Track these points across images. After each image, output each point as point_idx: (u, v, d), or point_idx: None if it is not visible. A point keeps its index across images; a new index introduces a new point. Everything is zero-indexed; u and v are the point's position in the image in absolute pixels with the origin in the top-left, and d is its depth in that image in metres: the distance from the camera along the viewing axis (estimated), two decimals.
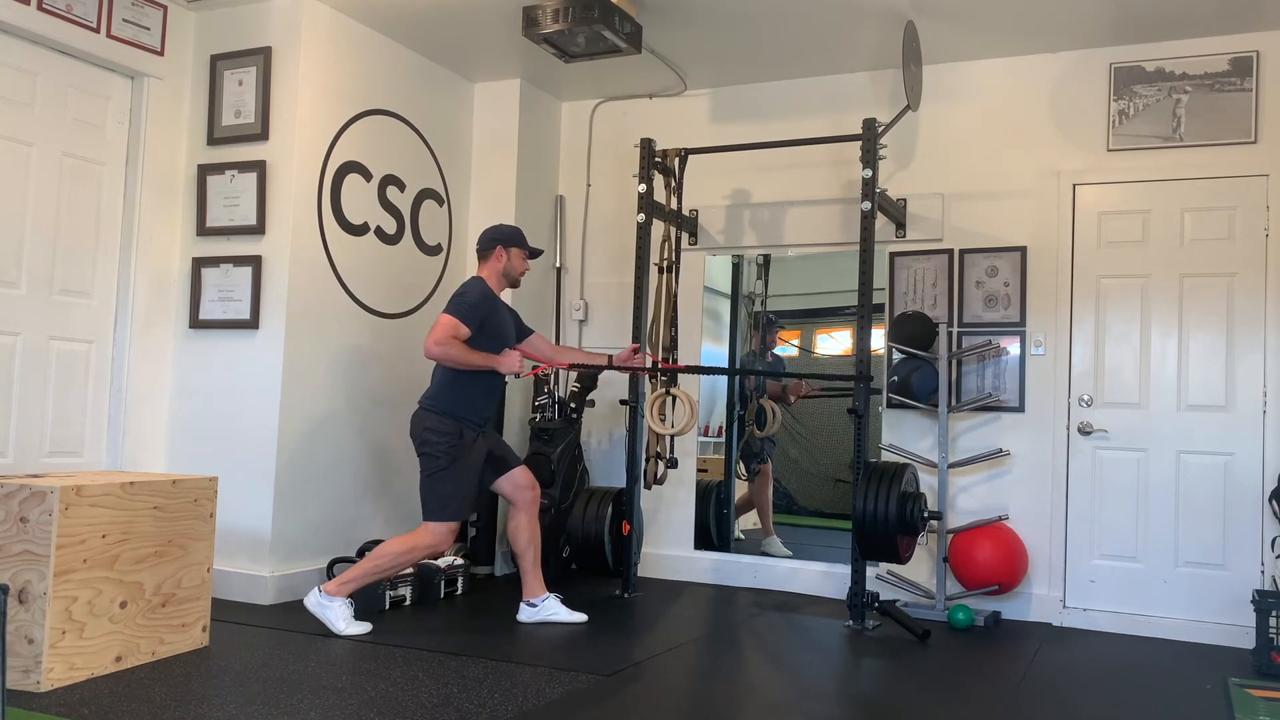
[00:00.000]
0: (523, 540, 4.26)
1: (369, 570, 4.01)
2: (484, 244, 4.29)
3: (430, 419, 4.06)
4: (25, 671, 3.09)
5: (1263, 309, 4.44)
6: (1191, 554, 4.50)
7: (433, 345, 3.97)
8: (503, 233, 4.30)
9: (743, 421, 6.18)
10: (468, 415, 4.09)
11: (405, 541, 4.04)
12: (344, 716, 2.90)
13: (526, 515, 4.26)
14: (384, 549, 4.04)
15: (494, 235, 4.29)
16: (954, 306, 4.94)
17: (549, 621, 4.22)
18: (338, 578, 4.00)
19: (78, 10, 4.21)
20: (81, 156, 4.35)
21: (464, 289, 4.17)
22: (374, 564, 4.01)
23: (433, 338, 3.98)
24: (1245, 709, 3.32)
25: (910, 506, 4.20)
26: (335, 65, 4.73)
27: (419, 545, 4.03)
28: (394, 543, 4.06)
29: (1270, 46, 4.50)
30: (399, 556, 4.03)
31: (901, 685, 3.49)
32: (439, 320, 4.03)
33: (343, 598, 3.96)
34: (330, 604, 3.94)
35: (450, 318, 4.02)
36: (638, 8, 4.51)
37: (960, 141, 5.02)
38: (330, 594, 3.95)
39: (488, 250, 4.26)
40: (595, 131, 5.85)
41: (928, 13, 4.50)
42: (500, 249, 4.25)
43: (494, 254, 4.25)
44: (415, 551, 4.04)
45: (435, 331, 3.99)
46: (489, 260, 4.26)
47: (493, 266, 4.26)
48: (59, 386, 4.27)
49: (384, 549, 4.04)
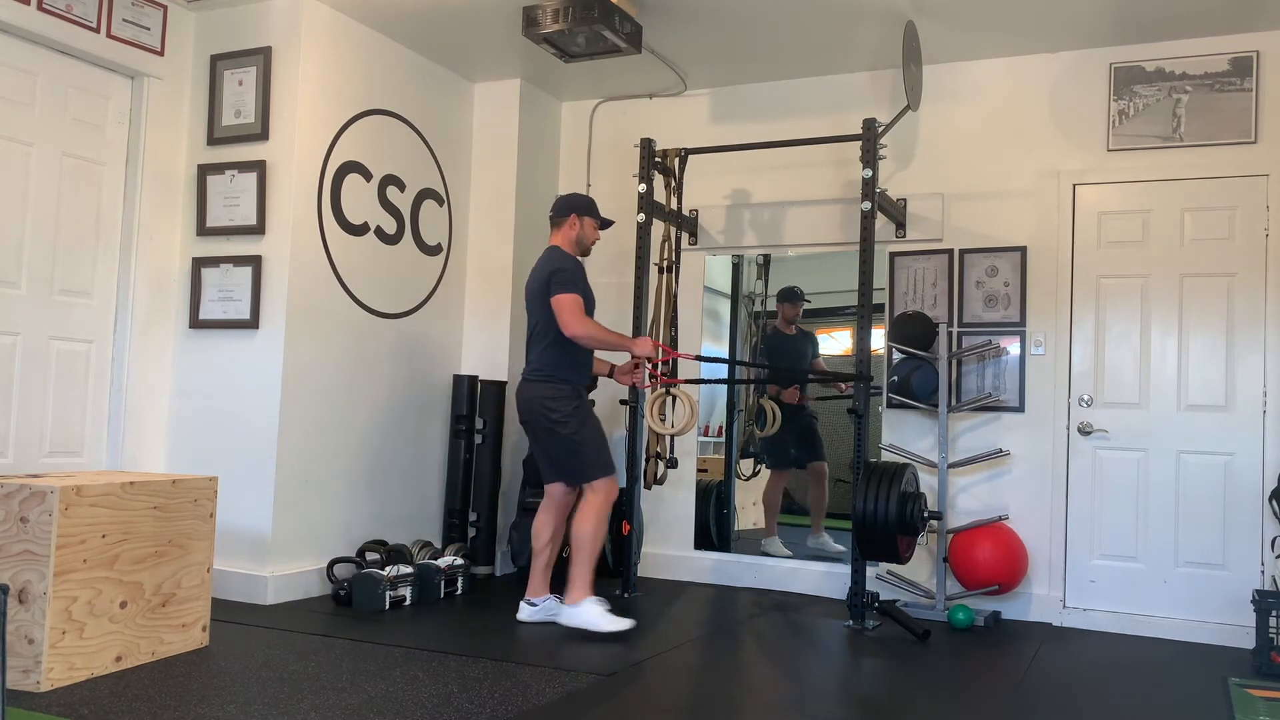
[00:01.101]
0: (544, 537, 4.22)
1: (585, 559, 4.00)
2: (559, 210, 4.24)
3: (546, 389, 4.04)
4: (25, 671, 3.09)
5: (1263, 309, 4.44)
6: (1191, 554, 4.50)
7: (577, 327, 3.97)
8: (578, 201, 4.25)
9: (759, 417, 6.13)
10: (580, 380, 4.11)
11: (587, 515, 4.01)
12: (344, 716, 2.90)
13: (563, 514, 4.23)
14: (580, 534, 4.00)
15: (569, 202, 4.25)
16: (954, 306, 4.94)
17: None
18: (570, 587, 4.00)
19: (78, 10, 4.21)
20: (81, 156, 4.35)
21: (557, 264, 4.09)
22: (583, 552, 4.00)
23: (569, 319, 3.96)
24: (1245, 709, 3.32)
25: (910, 506, 4.19)
26: (335, 65, 4.73)
27: (600, 507, 4.01)
28: (580, 524, 4.02)
29: (1270, 46, 4.50)
30: (596, 529, 4.00)
31: (901, 685, 3.50)
32: (560, 303, 3.99)
33: (591, 598, 3.98)
34: (581, 607, 3.95)
35: (569, 296, 3.99)
36: (638, 8, 4.51)
37: (960, 141, 5.02)
38: (577, 601, 3.97)
39: (562, 217, 4.22)
40: (595, 131, 5.85)
41: (928, 13, 4.50)
42: (575, 217, 4.20)
43: (568, 222, 4.20)
44: (601, 514, 4.02)
45: (564, 313, 3.97)
46: (562, 228, 4.21)
47: (566, 234, 4.21)
48: (59, 386, 4.27)
49: (580, 534, 4.00)
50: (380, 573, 4.40)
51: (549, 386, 4.04)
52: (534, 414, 4.07)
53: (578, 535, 4.03)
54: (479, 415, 5.33)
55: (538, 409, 4.05)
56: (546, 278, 4.08)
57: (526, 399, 4.09)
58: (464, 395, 5.32)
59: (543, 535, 4.21)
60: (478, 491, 5.30)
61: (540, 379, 4.07)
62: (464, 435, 5.30)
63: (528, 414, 4.10)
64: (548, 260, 4.16)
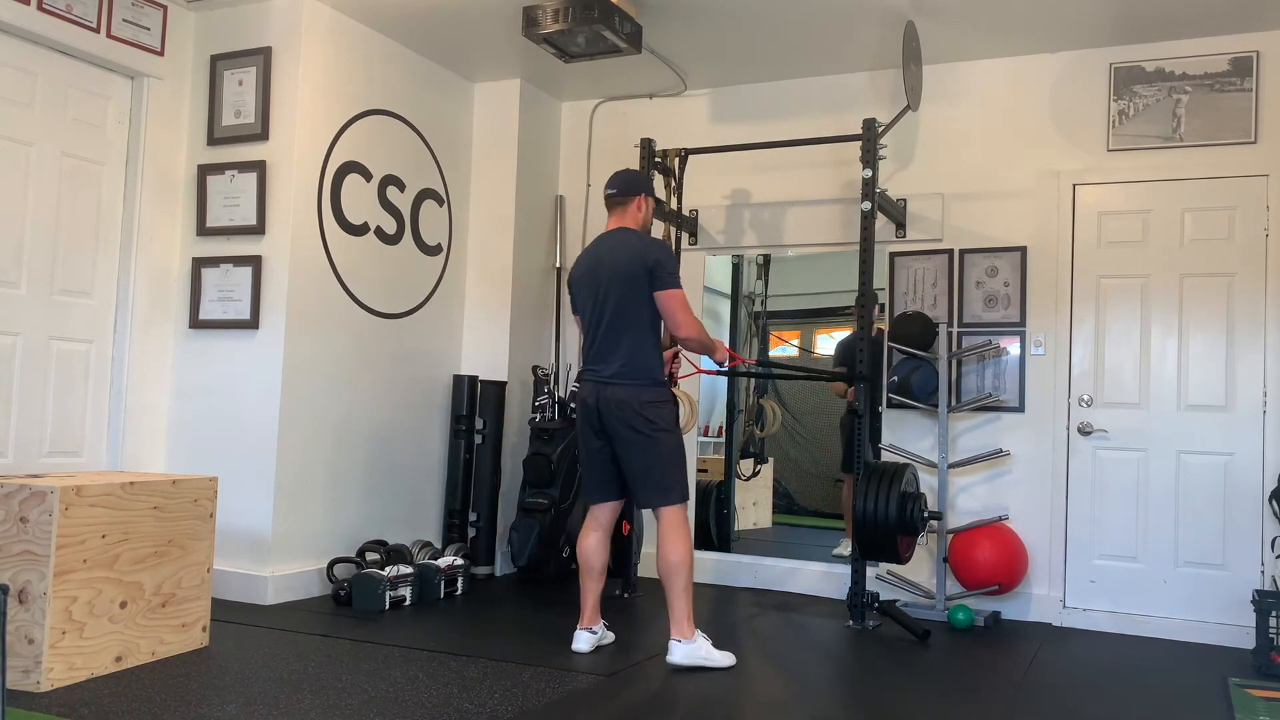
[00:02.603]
0: (599, 563, 3.78)
1: (686, 589, 3.56)
2: (626, 189, 3.75)
3: (648, 392, 3.59)
4: (25, 671, 3.09)
5: (1263, 309, 4.44)
6: (1191, 554, 4.49)
7: (692, 328, 3.60)
8: (645, 180, 3.81)
9: (759, 417, 6.15)
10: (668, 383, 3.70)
11: (677, 540, 3.57)
12: (344, 716, 2.90)
13: (610, 535, 3.84)
14: (675, 562, 3.55)
15: (638, 181, 3.79)
16: (954, 306, 4.94)
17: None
18: (676, 622, 3.57)
19: (78, 10, 4.21)
20: (81, 156, 4.35)
21: (658, 252, 3.64)
22: (682, 582, 3.55)
23: (686, 319, 3.59)
24: (1245, 709, 3.32)
25: (910, 506, 4.19)
26: (335, 65, 4.73)
27: (686, 530, 3.59)
28: (672, 551, 3.56)
29: (1270, 46, 4.50)
30: (689, 554, 3.57)
31: (901, 685, 3.49)
32: (674, 299, 3.59)
33: (699, 632, 3.62)
34: (696, 644, 3.57)
35: (681, 292, 3.60)
36: (638, 8, 4.51)
37: (960, 141, 5.02)
38: (686, 638, 3.56)
39: (629, 197, 3.74)
40: (595, 131, 5.85)
41: (928, 13, 4.50)
42: (644, 197, 3.77)
43: (635, 203, 3.76)
44: (689, 537, 3.61)
45: (681, 312, 3.59)
46: (629, 209, 3.75)
47: (635, 216, 3.76)
48: (59, 386, 4.27)
49: (675, 562, 3.55)
50: (380, 573, 4.40)
51: (651, 390, 3.60)
52: (629, 420, 3.57)
53: (673, 564, 3.56)
54: (479, 415, 5.33)
55: (635, 414, 3.57)
56: (649, 267, 3.60)
57: (620, 402, 3.57)
58: (464, 395, 5.32)
59: (596, 561, 3.75)
60: (478, 491, 5.30)
61: (638, 381, 3.59)
62: (464, 435, 5.30)
63: (619, 420, 3.59)
64: (641, 246, 3.66)
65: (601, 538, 3.78)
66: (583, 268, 3.78)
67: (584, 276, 3.75)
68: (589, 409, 3.67)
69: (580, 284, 3.77)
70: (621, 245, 3.69)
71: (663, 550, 3.60)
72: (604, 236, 3.79)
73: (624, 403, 3.57)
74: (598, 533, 3.78)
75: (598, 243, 3.80)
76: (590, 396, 3.66)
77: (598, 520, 3.79)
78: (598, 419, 3.65)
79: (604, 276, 3.67)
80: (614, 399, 3.59)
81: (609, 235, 3.77)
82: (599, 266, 3.70)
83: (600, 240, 3.80)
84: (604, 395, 3.61)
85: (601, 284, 3.68)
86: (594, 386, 3.66)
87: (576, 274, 3.80)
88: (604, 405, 3.61)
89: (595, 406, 3.64)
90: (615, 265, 3.65)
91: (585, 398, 3.69)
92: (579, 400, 3.73)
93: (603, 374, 3.64)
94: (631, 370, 3.60)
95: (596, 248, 3.78)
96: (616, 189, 3.77)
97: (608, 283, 3.66)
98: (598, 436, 3.68)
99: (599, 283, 3.69)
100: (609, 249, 3.71)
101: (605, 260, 3.70)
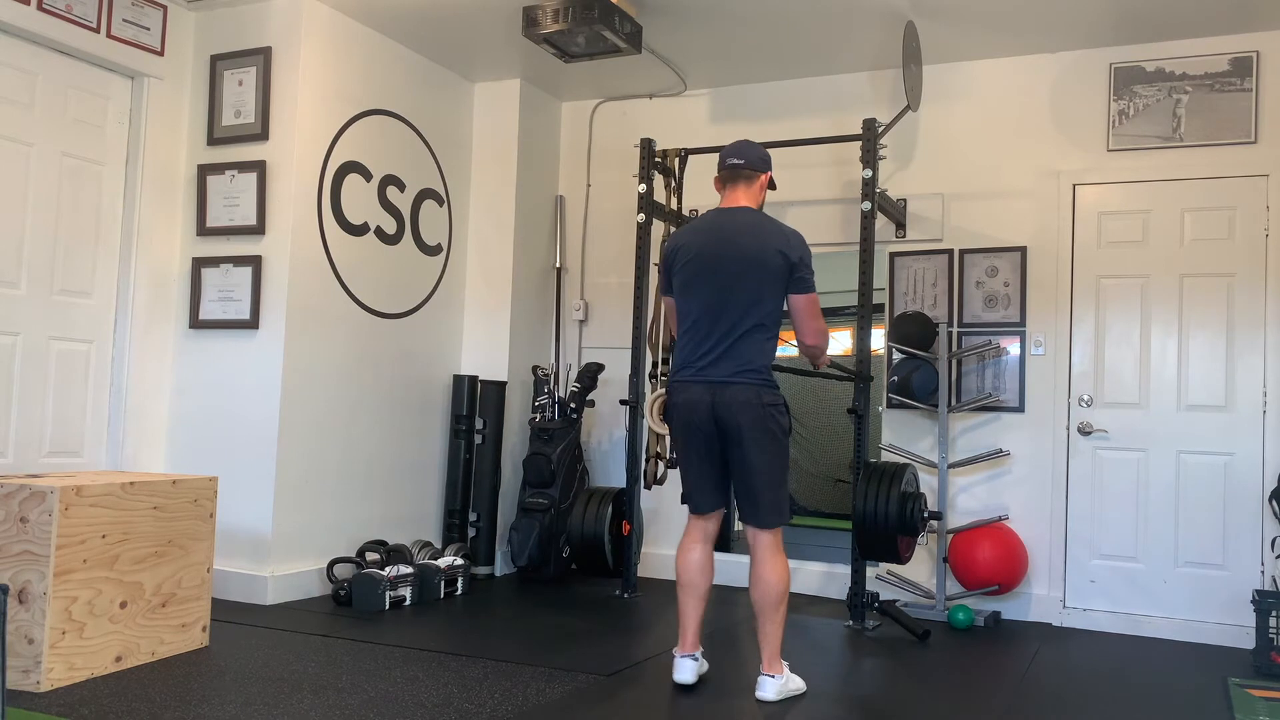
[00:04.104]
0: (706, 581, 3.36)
1: (780, 624, 3.23)
2: (757, 163, 3.30)
3: (770, 395, 3.19)
4: (25, 671, 3.09)
5: (1263, 309, 4.44)
6: (1191, 554, 4.50)
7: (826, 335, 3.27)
8: (768, 156, 3.36)
9: None
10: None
11: (780, 566, 3.22)
12: (344, 716, 2.90)
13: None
14: (779, 591, 3.20)
15: (764, 156, 3.33)
16: (954, 306, 4.94)
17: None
18: (768, 656, 3.23)
19: (78, 10, 4.21)
20: (81, 156, 4.35)
21: (801, 248, 3.22)
22: (783, 613, 3.22)
23: (821, 326, 3.26)
24: (1245, 709, 3.32)
25: (910, 506, 4.20)
26: (335, 65, 4.73)
27: (783, 553, 3.24)
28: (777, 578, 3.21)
29: (1270, 46, 4.50)
30: (787, 589, 3.23)
31: (901, 685, 3.49)
32: (813, 304, 3.24)
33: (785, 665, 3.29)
34: (787, 677, 3.25)
35: (816, 295, 3.23)
36: (638, 8, 4.51)
37: (960, 141, 5.02)
38: (779, 673, 3.22)
39: (757, 173, 3.30)
40: (595, 131, 5.85)
41: (928, 13, 4.50)
42: (769, 176, 3.35)
43: (760, 180, 3.32)
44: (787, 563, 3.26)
45: (818, 320, 3.25)
46: (754, 186, 3.31)
47: (757, 196, 3.32)
48: (59, 386, 4.27)
49: (779, 591, 3.20)
50: (380, 573, 4.40)
51: (773, 393, 3.20)
52: (755, 424, 3.17)
53: (781, 592, 3.21)
54: (479, 415, 5.33)
55: (759, 418, 3.17)
56: (795, 262, 3.20)
57: (743, 404, 3.16)
58: (464, 395, 5.32)
59: (702, 580, 3.33)
60: (478, 491, 5.30)
61: (762, 383, 3.19)
62: (464, 435, 5.30)
63: (746, 421, 3.18)
64: (781, 236, 3.22)
65: (708, 551, 3.36)
66: (697, 246, 3.27)
67: (701, 258, 3.25)
68: (699, 411, 3.23)
69: (694, 266, 3.26)
70: (754, 229, 3.22)
71: (766, 575, 3.20)
72: (725, 213, 3.29)
73: (748, 404, 3.17)
74: (705, 545, 3.35)
75: (718, 219, 3.28)
76: (702, 397, 3.22)
77: (705, 532, 3.36)
78: (712, 422, 3.22)
79: (731, 262, 3.20)
80: (735, 400, 3.18)
81: (733, 214, 3.28)
82: (724, 249, 3.21)
83: (721, 216, 3.29)
84: (722, 396, 3.19)
85: (728, 271, 3.20)
86: (706, 388, 3.22)
87: (686, 253, 3.29)
88: (722, 407, 3.19)
89: (710, 407, 3.21)
90: (749, 252, 3.19)
91: (695, 400, 3.23)
92: (682, 402, 3.26)
93: (718, 375, 3.21)
94: (753, 370, 3.20)
95: (718, 225, 3.27)
96: (744, 160, 3.28)
97: (738, 271, 3.19)
98: (711, 441, 3.25)
99: (723, 268, 3.21)
100: (737, 230, 3.22)
101: (735, 243, 3.21)
